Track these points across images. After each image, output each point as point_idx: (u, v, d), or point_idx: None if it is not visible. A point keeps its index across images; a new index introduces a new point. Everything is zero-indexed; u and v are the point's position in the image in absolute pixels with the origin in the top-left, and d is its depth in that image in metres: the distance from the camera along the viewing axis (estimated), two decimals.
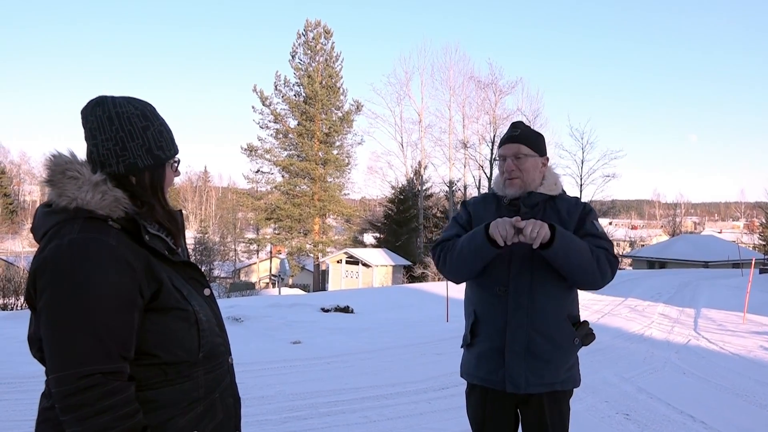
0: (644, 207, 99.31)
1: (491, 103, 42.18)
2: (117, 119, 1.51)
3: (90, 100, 1.55)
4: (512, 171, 2.46)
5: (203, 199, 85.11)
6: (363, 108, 43.06)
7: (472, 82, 43.13)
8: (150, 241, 1.50)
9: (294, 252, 42.75)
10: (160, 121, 1.60)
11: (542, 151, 2.53)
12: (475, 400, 2.56)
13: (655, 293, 16.45)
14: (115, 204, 1.47)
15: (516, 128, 2.53)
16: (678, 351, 8.34)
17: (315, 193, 41.60)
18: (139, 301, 1.44)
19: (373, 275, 35.60)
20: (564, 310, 2.43)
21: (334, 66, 42.74)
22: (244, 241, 56.46)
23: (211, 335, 1.60)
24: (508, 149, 2.49)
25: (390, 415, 5.13)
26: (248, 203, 44.43)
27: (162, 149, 1.57)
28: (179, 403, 1.51)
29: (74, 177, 1.47)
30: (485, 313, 2.49)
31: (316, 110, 41.13)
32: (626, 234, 61.32)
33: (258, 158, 42.43)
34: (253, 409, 5.18)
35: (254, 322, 9.77)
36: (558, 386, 2.43)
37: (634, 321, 11.40)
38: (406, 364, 7.24)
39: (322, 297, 16.31)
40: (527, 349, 2.39)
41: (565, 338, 2.42)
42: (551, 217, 2.44)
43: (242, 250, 61.71)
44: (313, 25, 42.31)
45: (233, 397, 1.70)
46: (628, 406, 5.44)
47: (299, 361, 7.29)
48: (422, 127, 44.02)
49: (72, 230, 1.41)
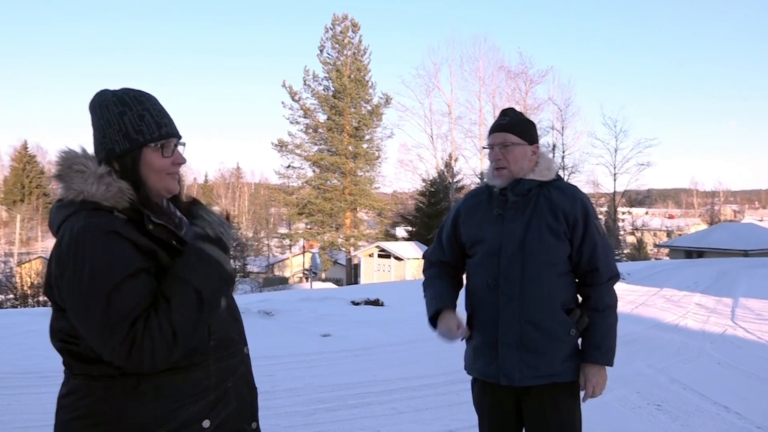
0: (681, 196, 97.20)
1: (522, 92, 41.83)
2: (99, 109, 1.57)
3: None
4: (499, 160, 2.41)
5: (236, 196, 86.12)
6: (392, 101, 43.09)
7: (502, 72, 42.81)
8: (154, 230, 1.52)
9: (326, 246, 43.03)
10: (144, 106, 1.58)
11: (532, 138, 2.46)
12: (477, 392, 2.56)
13: (691, 283, 16.11)
14: (120, 195, 1.50)
15: (505, 116, 2.47)
16: (713, 341, 8.18)
17: (346, 187, 41.77)
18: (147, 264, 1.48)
19: (405, 268, 35.62)
20: (556, 299, 2.37)
21: (362, 59, 42.79)
22: (277, 237, 57.04)
23: (223, 324, 1.61)
24: (495, 138, 2.44)
25: (418, 406, 5.14)
26: (280, 198, 44.91)
27: (141, 132, 1.55)
28: (190, 390, 1.53)
29: (81, 171, 1.51)
30: (478, 306, 2.48)
31: (345, 104, 41.25)
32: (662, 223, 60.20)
33: (288, 153, 42.80)
34: (282, 400, 5.24)
35: (285, 316, 9.86)
36: (557, 378, 2.36)
37: (669, 311, 11.20)
38: (435, 356, 7.22)
39: (352, 290, 16.38)
40: (520, 342, 2.35)
41: (559, 328, 2.36)
42: (543, 206, 2.37)
43: (276, 245, 62.36)
44: (340, 19, 42.42)
45: (248, 387, 1.71)
46: (660, 397, 5.36)
47: (328, 353, 7.34)
48: (452, 118, 43.82)
49: (78, 221, 1.46)
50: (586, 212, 2.40)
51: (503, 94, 42.90)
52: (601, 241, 2.40)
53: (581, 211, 2.39)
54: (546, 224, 2.34)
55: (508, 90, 42.55)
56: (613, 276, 2.44)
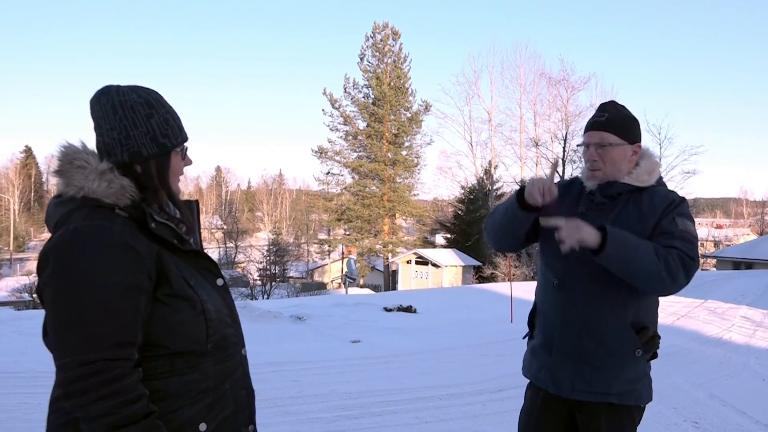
0: (730, 205, 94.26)
1: (563, 99, 41.07)
2: (120, 108, 1.51)
3: (97, 90, 1.55)
4: (594, 162, 2.21)
5: (278, 202, 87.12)
6: (431, 108, 42.87)
7: (543, 79, 42.15)
8: (156, 228, 1.49)
9: (364, 252, 43.08)
10: (166, 108, 1.58)
11: (633, 137, 2.23)
12: (529, 397, 2.42)
13: (738, 295, 15.52)
14: (122, 192, 1.47)
15: (603, 112, 2.24)
16: (759, 356, 7.81)
17: (384, 193, 41.76)
18: (147, 285, 1.43)
19: (442, 276, 35.40)
20: (626, 315, 2.14)
21: (402, 67, 42.76)
22: (317, 242, 57.43)
23: (221, 326, 1.58)
24: (591, 137, 2.22)
25: (443, 416, 5.02)
26: (319, 205, 45.17)
27: (167, 137, 1.56)
28: (187, 393, 1.50)
29: (82, 167, 1.48)
30: (541, 305, 2.35)
31: (384, 111, 41.29)
32: (709, 233, 58.45)
33: (328, 160, 43.01)
34: (306, 406, 5.20)
35: (316, 321, 9.85)
36: (614, 399, 2.16)
37: (713, 324, 10.79)
38: (465, 365, 7.11)
39: (386, 297, 16.30)
40: (577, 352, 2.18)
41: (623, 346, 2.15)
42: (630, 212, 2.16)
43: (315, 251, 62.79)
44: (381, 27, 42.50)
45: (246, 389, 1.68)
46: (697, 414, 5.13)
47: (357, 360, 7.27)
48: (492, 125, 43.40)
49: (77, 218, 1.42)
50: (673, 205, 2.14)
51: (544, 101, 42.35)
52: (680, 233, 2.09)
53: (669, 204, 2.15)
54: (630, 230, 2.11)
55: (549, 97, 41.93)
56: (688, 259, 2.05)
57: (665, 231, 2.10)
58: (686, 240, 2.09)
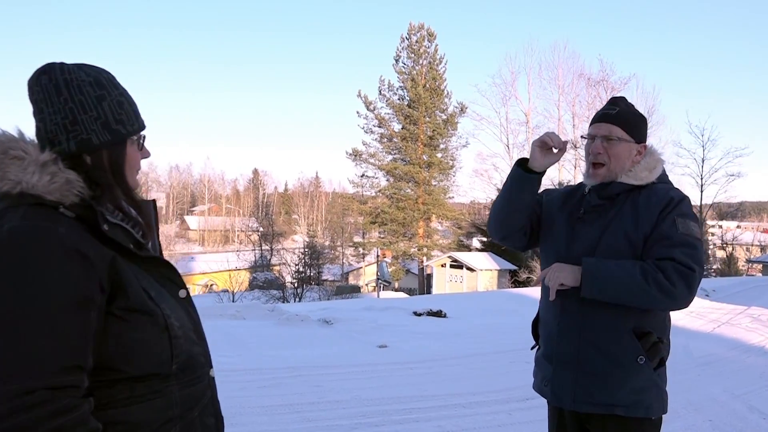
0: None
1: (602, 101, 40.33)
2: (66, 88, 1.29)
3: (37, 68, 1.33)
4: (599, 155, 2.09)
5: (314, 204, 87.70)
6: (467, 110, 42.72)
7: (582, 80, 41.72)
8: (109, 231, 1.28)
9: (399, 255, 42.97)
10: (119, 90, 1.38)
11: (640, 137, 2.14)
12: (549, 411, 2.31)
13: None
14: (67, 187, 1.25)
15: (614, 105, 2.16)
16: None
17: (419, 196, 41.64)
18: (98, 298, 1.22)
19: (477, 279, 35.03)
20: (626, 321, 2.02)
21: (438, 68, 42.62)
22: (352, 245, 57.55)
23: (187, 344, 1.39)
24: (598, 128, 2.12)
25: (465, 425, 4.87)
26: (354, 207, 45.25)
27: (122, 123, 1.35)
28: (151, 423, 1.30)
29: (18, 157, 1.25)
30: (543, 314, 2.25)
31: (419, 113, 41.18)
32: (755, 237, 56.65)
33: (363, 162, 43.10)
34: (325, 413, 5.11)
35: (344, 325, 9.78)
36: (620, 411, 2.03)
37: (756, 332, 10.34)
38: (492, 372, 6.93)
39: (417, 301, 16.14)
40: (577, 361, 2.07)
41: (624, 353, 2.03)
42: (625, 214, 2.05)
43: (351, 253, 62.96)
44: (416, 28, 42.42)
45: (215, 416, 1.49)
46: (735, 427, 4.87)
47: (382, 365, 7.16)
48: (529, 127, 43.01)
49: (12, 218, 1.20)
50: (671, 206, 2.02)
51: (583, 103, 41.84)
52: (681, 238, 1.97)
53: (666, 204, 2.02)
54: (624, 232, 2.03)
55: (588, 98, 41.44)
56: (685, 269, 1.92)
57: (665, 236, 1.98)
58: (687, 245, 1.96)
